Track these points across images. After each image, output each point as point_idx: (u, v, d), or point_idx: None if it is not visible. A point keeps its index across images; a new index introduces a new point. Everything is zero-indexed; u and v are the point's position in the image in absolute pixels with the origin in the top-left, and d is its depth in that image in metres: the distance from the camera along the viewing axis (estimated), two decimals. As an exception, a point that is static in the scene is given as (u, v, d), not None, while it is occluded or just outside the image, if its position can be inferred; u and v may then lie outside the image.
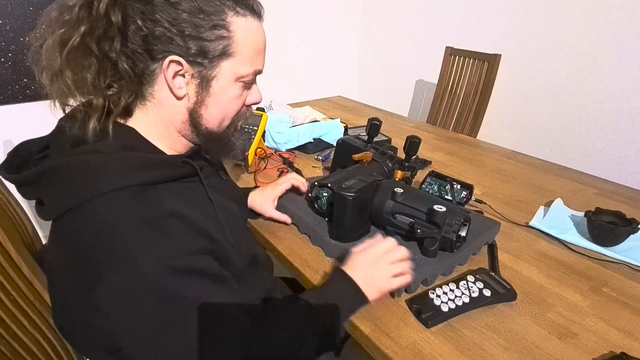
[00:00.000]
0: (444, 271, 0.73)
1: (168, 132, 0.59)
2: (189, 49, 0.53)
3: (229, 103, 0.59)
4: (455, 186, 0.94)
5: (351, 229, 0.78)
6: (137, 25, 0.50)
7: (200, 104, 0.57)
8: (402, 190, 0.77)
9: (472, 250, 0.78)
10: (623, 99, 1.59)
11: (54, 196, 0.50)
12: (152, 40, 0.51)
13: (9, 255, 0.56)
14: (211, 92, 0.57)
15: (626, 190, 1.08)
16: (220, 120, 0.60)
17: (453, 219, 0.71)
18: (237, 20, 0.55)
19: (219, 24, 0.53)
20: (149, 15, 0.50)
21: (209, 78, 0.56)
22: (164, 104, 0.56)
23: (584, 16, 1.64)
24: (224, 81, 0.57)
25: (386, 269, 0.65)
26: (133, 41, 0.51)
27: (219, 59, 0.55)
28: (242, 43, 0.56)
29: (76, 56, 0.51)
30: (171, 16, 0.51)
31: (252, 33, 0.57)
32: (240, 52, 0.56)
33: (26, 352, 0.61)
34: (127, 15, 0.51)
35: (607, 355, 0.58)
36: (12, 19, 1.57)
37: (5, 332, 0.58)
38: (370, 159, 0.93)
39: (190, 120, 0.58)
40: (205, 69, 0.55)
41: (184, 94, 0.56)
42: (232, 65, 0.56)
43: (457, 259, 0.74)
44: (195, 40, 0.52)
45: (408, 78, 2.50)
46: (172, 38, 0.52)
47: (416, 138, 0.94)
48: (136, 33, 0.51)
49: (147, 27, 0.51)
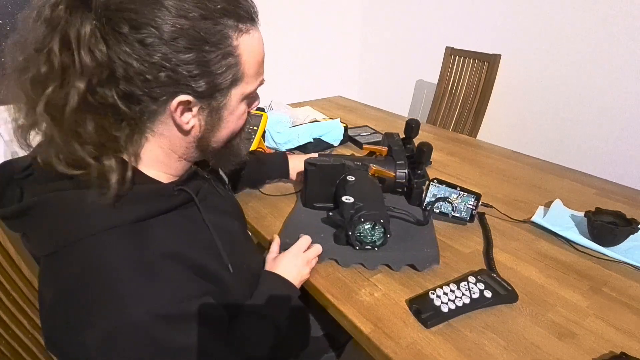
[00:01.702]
0: (362, 262, 0.75)
1: (167, 159, 0.55)
2: (198, 87, 0.48)
3: (236, 122, 0.57)
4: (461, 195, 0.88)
5: (311, 196, 0.91)
6: (134, 68, 0.44)
7: (210, 131, 0.55)
8: (353, 178, 0.84)
9: (402, 260, 0.75)
10: (623, 99, 1.59)
11: (42, 234, 0.47)
12: (155, 84, 0.46)
13: (9, 255, 0.56)
14: (222, 119, 0.54)
15: (626, 190, 1.08)
16: (228, 138, 0.59)
17: (355, 215, 0.73)
18: (242, 40, 0.50)
19: (226, 52, 0.49)
20: (146, 57, 0.44)
21: (219, 108, 0.53)
22: (165, 136, 0.52)
23: (584, 16, 1.64)
24: (233, 105, 0.54)
25: (297, 260, 0.72)
26: (131, 83, 0.45)
27: (230, 87, 0.52)
28: (248, 63, 0.52)
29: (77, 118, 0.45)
30: (175, 57, 0.45)
31: (256, 48, 0.53)
32: (247, 72, 0.53)
33: (26, 352, 0.61)
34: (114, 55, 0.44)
35: (607, 355, 0.58)
36: (12, 19, 1.57)
37: (5, 332, 0.58)
38: (385, 154, 0.99)
39: (198, 146, 0.56)
40: (215, 101, 0.52)
41: (191, 127, 0.52)
42: (241, 89, 0.54)
43: (381, 258, 0.75)
44: (205, 77, 0.48)
45: (408, 78, 2.50)
46: (179, 80, 0.47)
47: (426, 146, 0.93)
48: (134, 77, 0.45)
49: (147, 71, 0.45)
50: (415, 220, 0.86)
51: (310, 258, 0.73)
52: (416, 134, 1.11)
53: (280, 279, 0.69)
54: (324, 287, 0.71)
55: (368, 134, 1.44)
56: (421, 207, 0.92)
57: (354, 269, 0.75)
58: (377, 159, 0.97)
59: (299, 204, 0.94)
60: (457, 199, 0.89)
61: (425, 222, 0.86)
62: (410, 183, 0.94)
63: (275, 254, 0.76)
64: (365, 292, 0.70)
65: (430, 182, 0.90)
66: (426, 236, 0.82)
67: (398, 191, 0.96)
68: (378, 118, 1.69)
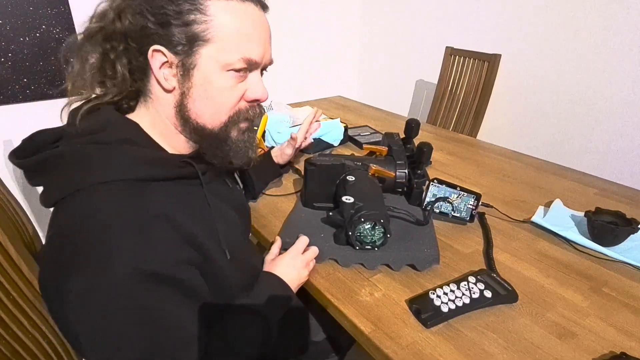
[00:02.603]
0: (362, 262, 0.75)
1: (167, 130, 0.59)
2: (168, 36, 0.52)
3: (218, 95, 0.56)
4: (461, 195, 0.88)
5: (311, 196, 0.91)
6: (129, 20, 0.52)
7: (185, 95, 0.56)
8: (353, 178, 0.84)
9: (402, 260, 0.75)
10: (623, 99, 1.59)
11: (52, 183, 0.51)
12: (140, 35, 0.53)
13: (9, 255, 0.56)
14: (194, 82, 0.55)
15: (626, 190, 1.08)
16: (211, 114, 0.57)
17: (355, 215, 0.73)
18: (216, 3, 0.53)
19: (194, 8, 0.52)
20: (137, 9, 0.52)
21: (189, 66, 0.54)
22: (159, 98, 0.57)
23: (584, 16, 1.64)
24: (207, 69, 0.54)
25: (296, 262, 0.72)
26: (131, 39, 0.54)
27: (197, 45, 0.53)
28: (222, 28, 0.53)
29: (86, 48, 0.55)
30: (151, 5, 0.52)
31: (235, 17, 0.54)
32: (220, 37, 0.53)
33: (26, 352, 0.61)
34: (127, 15, 0.53)
35: (607, 355, 0.58)
36: (12, 19, 1.57)
37: (5, 332, 0.58)
38: (385, 153, 0.99)
39: (179, 113, 0.57)
40: (186, 57, 0.54)
41: (172, 86, 0.55)
42: (213, 52, 0.54)
43: (381, 258, 0.75)
44: (172, 27, 0.52)
45: (408, 78, 2.50)
46: (152, 28, 0.52)
47: (426, 146, 0.93)
48: (129, 30, 0.53)
49: (136, 22, 0.52)
50: (415, 220, 0.86)
51: (309, 260, 0.73)
52: (416, 134, 1.11)
53: (277, 279, 0.69)
54: (324, 287, 0.71)
55: (368, 134, 1.44)
56: (421, 207, 0.92)
57: (354, 269, 0.75)
58: (377, 159, 0.97)
59: (299, 204, 0.94)
60: (457, 199, 0.89)
61: (425, 222, 0.86)
62: (410, 183, 0.94)
63: (274, 255, 0.76)
64: (365, 292, 0.70)
65: (430, 182, 0.90)
66: (426, 236, 0.82)
67: (398, 191, 0.96)
68: (378, 118, 1.69)
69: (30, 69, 1.66)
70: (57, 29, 1.67)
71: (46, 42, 1.66)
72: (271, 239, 0.83)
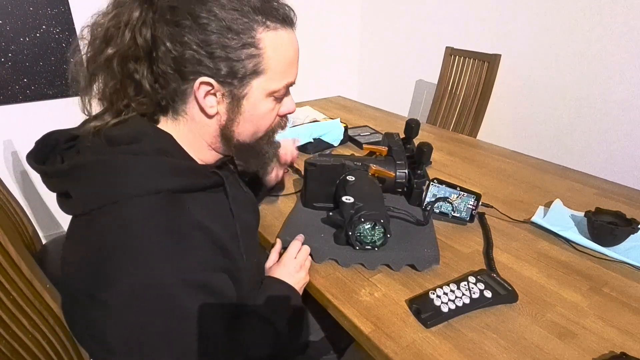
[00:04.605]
0: (362, 262, 0.75)
1: (198, 145, 0.59)
2: (219, 70, 0.52)
3: (261, 118, 0.59)
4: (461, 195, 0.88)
5: (311, 197, 0.91)
6: (167, 47, 0.50)
7: (232, 121, 0.57)
8: (353, 178, 0.84)
9: (402, 260, 0.75)
10: (623, 99, 1.59)
11: (84, 192, 0.50)
12: (182, 62, 0.51)
13: (9, 255, 0.56)
14: (242, 110, 0.56)
15: (626, 190, 1.08)
16: (252, 134, 0.60)
17: (355, 215, 0.73)
18: (267, 35, 0.53)
19: (248, 42, 0.52)
20: (178, 37, 0.50)
21: (240, 97, 0.55)
22: (195, 120, 0.56)
23: (584, 16, 1.64)
24: (255, 98, 0.56)
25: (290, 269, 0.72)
26: (164, 62, 0.52)
27: (250, 77, 0.54)
28: (272, 59, 0.54)
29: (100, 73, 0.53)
30: (199, 38, 0.50)
31: (283, 47, 0.55)
32: (270, 68, 0.55)
33: (26, 352, 0.61)
34: (156, 37, 0.51)
35: (607, 355, 0.58)
36: (12, 19, 1.57)
37: (5, 332, 0.58)
38: (385, 153, 0.99)
39: (222, 135, 0.58)
40: (235, 88, 0.54)
41: (215, 112, 0.55)
42: (263, 83, 0.55)
43: (381, 258, 0.75)
44: (225, 61, 0.52)
45: (408, 78, 2.50)
46: (202, 60, 0.51)
47: (426, 146, 0.93)
48: (166, 55, 0.51)
49: (177, 50, 0.50)
50: (415, 220, 0.86)
51: (302, 261, 0.74)
52: (416, 134, 1.11)
53: (283, 284, 0.69)
54: (324, 287, 0.71)
55: (368, 134, 1.44)
56: (421, 207, 0.92)
57: (354, 269, 0.75)
58: (377, 159, 0.97)
59: (299, 204, 0.94)
60: (457, 199, 0.89)
61: (425, 222, 0.86)
62: (410, 183, 0.94)
63: (272, 262, 0.76)
64: (365, 292, 0.70)
65: (430, 182, 0.90)
66: (426, 236, 0.82)
67: (398, 191, 0.96)
68: (378, 118, 1.69)
69: (30, 69, 1.66)
70: (57, 29, 1.67)
71: (46, 42, 1.66)
72: (271, 239, 0.84)
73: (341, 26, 2.64)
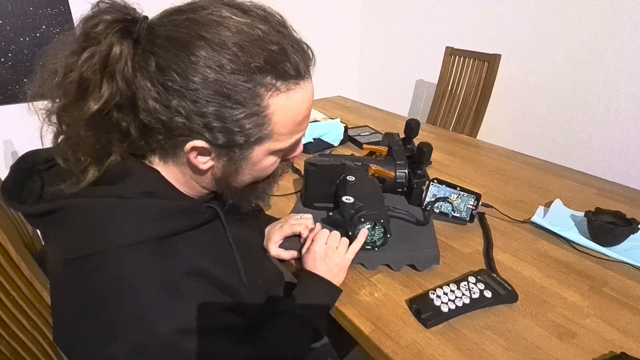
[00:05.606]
0: (362, 262, 0.75)
1: (190, 184, 0.53)
2: (215, 139, 0.45)
3: (262, 171, 0.53)
4: (461, 195, 0.88)
5: (311, 196, 0.90)
6: (152, 106, 0.43)
7: (228, 175, 0.51)
8: (353, 178, 0.84)
9: (402, 260, 0.76)
10: (623, 99, 1.59)
11: (66, 238, 0.46)
12: (171, 128, 0.44)
13: (9, 256, 0.56)
14: (239, 167, 0.50)
15: (626, 190, 1.08)
16: (249, 181, 0.55)
17: (355, 215, 0.73)
18: (277, 100, 0.46)
19: (252, 112, 0.45)
20: (164, 101, 0.43)
21: (238, 160, 0.49)
22: (186, 167, 0.50)
23: (584, 16, 1.64)
24: (257, 158, 0.50)
25: (335, 253, 0.70)
26: (151, 115, 0.44)
27: (252, 144, 0.48)
28: (280, 123, 0.47)
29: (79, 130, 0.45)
30: (190, 108, 0.43)
31: (294, 109, 0.48)
32: (276, 131, 0.48)
33: (26, 352, 0.61)
34: (139, 88, 0.43)
35: (607, 355, 0.58)
36: (12, 19, 1.57)
37: (5, 332, 0.58)
38: (385, 153, 0.99)
39: (217, 183, 0.53)
40: (234, 154, 0.48)
41: (209, 166, 0.49)
42: (267, 145, 0.49)
43: (381, 258, 0.75)
44: (223, 132, 0.45)
45: (408, 78, 2.50)
46: (194, 128, 0.44)
47: (426, 146, 0.93)
48: (152, 113, 0.44)
49: (164, 114, 0.43)
50: (415, 220, 0.86)
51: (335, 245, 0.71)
52: (416, 134, 1.11)
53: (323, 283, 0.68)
54: (324, 287, 0.71)
55: (368, 134, 1.44)
56: (421, 207, 0.92)
57: (354, 269, 0.75)
58: (377, 159, 0.97)
59: (299, 204, 0.94)
60: (457, 199, 0.89)
61: (425, 222, 0.86)
62: (410, 183, 0.94)
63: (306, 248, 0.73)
64: (365, 292, 0.70)
65: (430, 182, 0.90)
66: (426, 236, 0.82)
67: (398, 191, 0.96)
68: (378, 118, 1.69)
69: (30, 69, 1.66)
70: (57, 29, 1.67)
71: (46, 42, 1.65)
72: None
73: (341, 26, 2.64)
